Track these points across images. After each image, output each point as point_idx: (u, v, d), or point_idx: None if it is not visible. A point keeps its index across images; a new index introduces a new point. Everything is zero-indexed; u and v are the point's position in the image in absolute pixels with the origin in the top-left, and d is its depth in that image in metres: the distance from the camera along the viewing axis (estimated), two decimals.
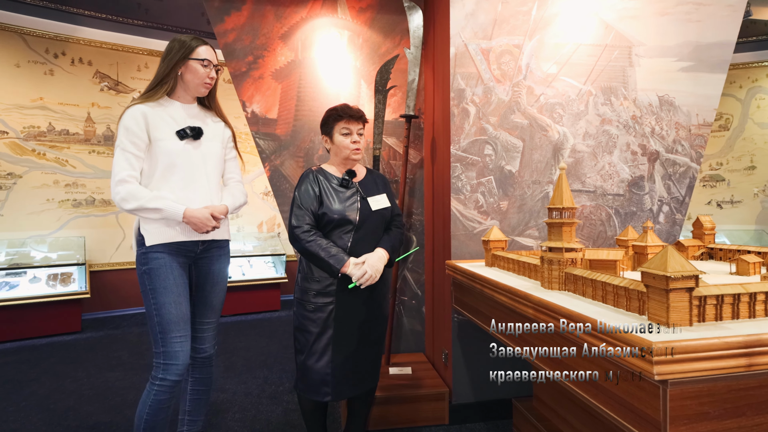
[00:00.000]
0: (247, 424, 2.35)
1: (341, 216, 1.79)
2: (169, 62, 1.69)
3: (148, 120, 1.65)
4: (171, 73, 1.70)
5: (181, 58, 1.69)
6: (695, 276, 0.99)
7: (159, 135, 1.66)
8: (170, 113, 1.71)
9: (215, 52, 1.80)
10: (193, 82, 1.73)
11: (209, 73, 1.74)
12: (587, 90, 2.41)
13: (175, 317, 1.65)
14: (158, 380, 1.63)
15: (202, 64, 1.71)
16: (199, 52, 1.71)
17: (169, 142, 1.68)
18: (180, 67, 1.70)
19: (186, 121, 1.73)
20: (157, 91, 1.70)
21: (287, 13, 2.77)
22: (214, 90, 1.85)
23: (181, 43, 1.71)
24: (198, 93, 1.77)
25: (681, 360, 0.89)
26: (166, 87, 1.70)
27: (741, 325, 1.02)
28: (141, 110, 1.64)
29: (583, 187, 2.43)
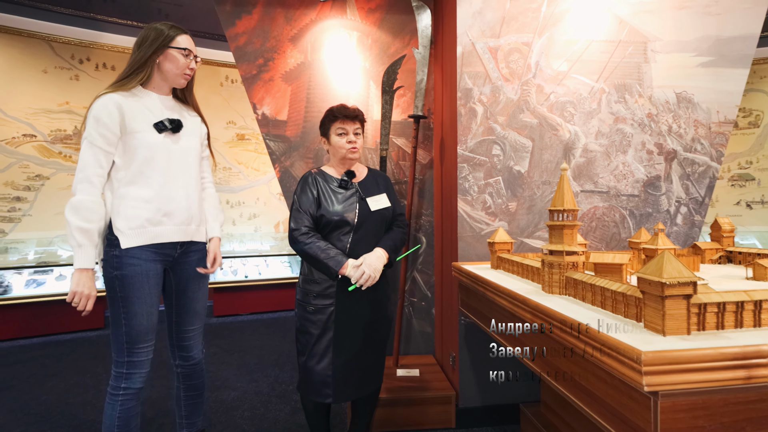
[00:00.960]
0: (255, 423, 2.38)
1: (339, 217, 1.79)
2: (146, 50, 1.60)
3: (122, 110, 1.55)
4: (148, 61, 1.60)
5: (160, 46, 1.60)
6: (693, 282, 0.95)
7: (135, 126, 1.57)
8: (145, 104, 1.62)
9: (193, 42, 1.72)
10: (172, 72, 1.65)
11: (189, 64, 1.67)
12: (600, 88, 2.35)
13: (145, 329, 1.59)
14: (122, 390, 1.57)
15: (183, 53, 1.64)
16: (179, 41, 1.63)
17: (147, 135, 1.59)
18: (158, 56, 1.61)
19: (163, 113, 1.65)
20: (131, 79, 1.60)
21: (297, 15, 2.79)
22: (192, 82, 1.78)
23: (158, 31, 1.62)
24: (176, 84, 1.70)
25: (673, 371, 0.85)
26: (141, 76, 1.61)
27: (744, 334, 0.97)
28: (114, 99, 1.54)
29: (595, 187, 2.36)
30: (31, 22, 4.28)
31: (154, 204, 1.60)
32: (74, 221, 1.48)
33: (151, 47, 1.60)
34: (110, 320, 1.58)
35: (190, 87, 1.79)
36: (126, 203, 1.56)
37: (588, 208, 2.36)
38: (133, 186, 1.58)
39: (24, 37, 4.27)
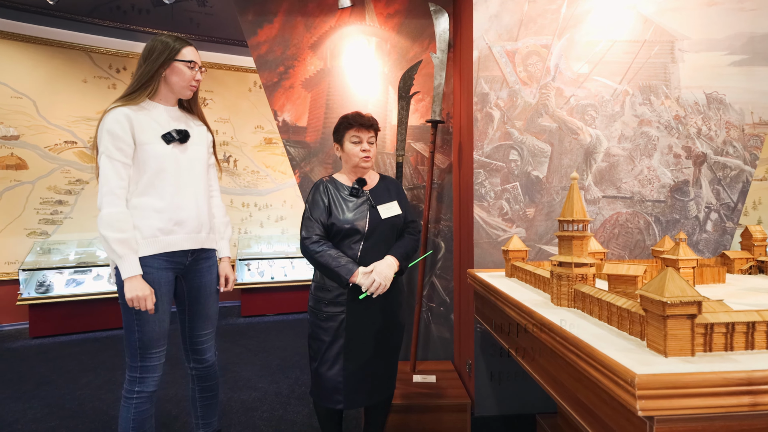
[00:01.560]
0: (273, 424, 2.43)
1: (350, 225, 1.80)
2: (153, 63, 1.64)
3: (132, 123, 1.59)
4: (155, 75, 1.65)
5: (166, 59, 1.64)
6: (697, 302, 0.90)
7: (145, 139, 1.62)
8: (153, 116, 1.67)
9: (198, 53, 1.77)
10: (179, 84, 1.69)
11: (195, 75, 1.72)
12: (623, 90, 2.27)
13: (157, 335, 1.65)
14: (135, 393, 1.64)
15: (188, 65, 1.69)
16: (184, 54, 1.68)
17: (156, 146, 1.63)
18: (164, 69, 1.65)
19: (170, 124, 1.70)
20: (140, 93, 1.64)
21: (317, 23, 2.83)
22: (197, 93, 1.82)
23: (164, 44, 1.66)
24: (183, 95, 1.74)
25: (670, 395, 0.82)
26: (149, 90, 1.65)
27: (754, 357, 0.92)
28: (124, 113, 1.59)
29: (618, 193, 2.28)
30: (72, 35, 4.52)
31: (165, 214, 1.66)
32: (110, 235, 1.54)
33: (158, 61, 1.64)
34: (124, 326, 1.64)
35: (195, 97, 1.83)
36: (138, 213, 1.62)
37: (610, 215, 2.28)
38: (144, 197, 1.64)
39: (66, 49, 4.52)
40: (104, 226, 1.54)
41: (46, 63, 4.44)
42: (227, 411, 2.58)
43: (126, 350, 1.66)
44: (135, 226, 1.62)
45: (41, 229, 4.42)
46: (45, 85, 4.43)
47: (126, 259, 1.55)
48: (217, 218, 1.93)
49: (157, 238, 1.65)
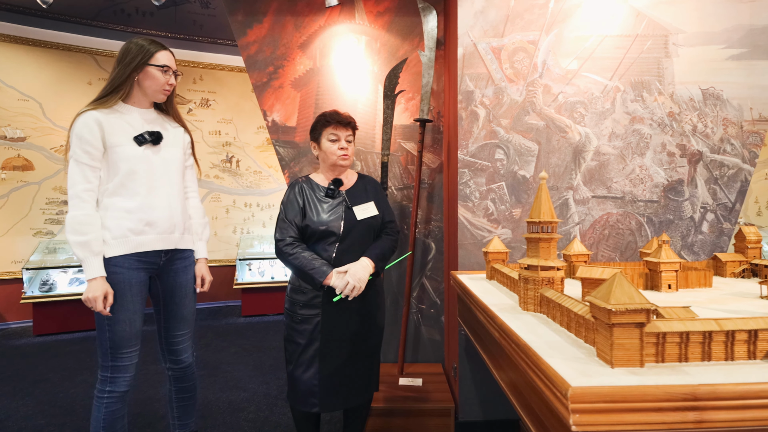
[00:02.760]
0: (257, 426, 2.42)
1: (324, 227, 1.78)
2: (126, 67, 1.63)
3: (102, 127, 1.59)
4: (128, 79, 1.64)
5: (140, 63, 1.64)
6: (646, 310, 0.85)
7: (116, 141, 1.61)
8: (126, 119, 1.67)
9: (174, 56, 1.76)
10: (152, 88, 1.69)
11: (168, 80, 1.71)
12: (614, 86, 2.19)
13: (128, 335, 1.64)
14: (107, 393, 1.63)
15: (162, 70, 1.67)
16: (158, 58, 1.67)
17: (128, 148, 1.63)
18: (138, 73, 1.65)
19: (143, 126, 1.70)
20: (112, 96, 1.64)
21: (306, 22, 2.81)
22: (172, 95, 1.81)
23: (139, 47, 1.65)
24: (156, 99, 1.74)
25: (607, 409, 0.76)
26: (121, 93, 1.65)
27: (709, 369, 0.86)
28: (94, 117, 1.59)
29: (608, 192, 2.20)
30: (77, 38, 4.60)
31: (136, 214, 1.65)
32: (71, 238, 1.55)
33: (131, 65, 1.64)
34: (96, 326, 1.65)
35: (171, 99, 1.83)
36: (109, 214, 1.63)
37: (600, 215, 2.21)
38: (116, 197, 1.64)
39: (71, 52, 4.60)
40: (67, 229, 1.56)
41: (52, 66, 4.52)
42: (214, 411, 2.58)
43: (98, 350, 1.66)
44: (105, 227, 1.62)
45: (47, 229, 4.51)
46: (51, 87, 4.52)
47: (86, 262, 1.55)
48: (195, 219, 1.93)
49: (127, 238, 1.64)
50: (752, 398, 0.77)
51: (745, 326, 0.89)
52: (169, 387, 1.91)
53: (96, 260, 1.57)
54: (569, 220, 2.21)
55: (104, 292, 1.56)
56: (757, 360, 0.89)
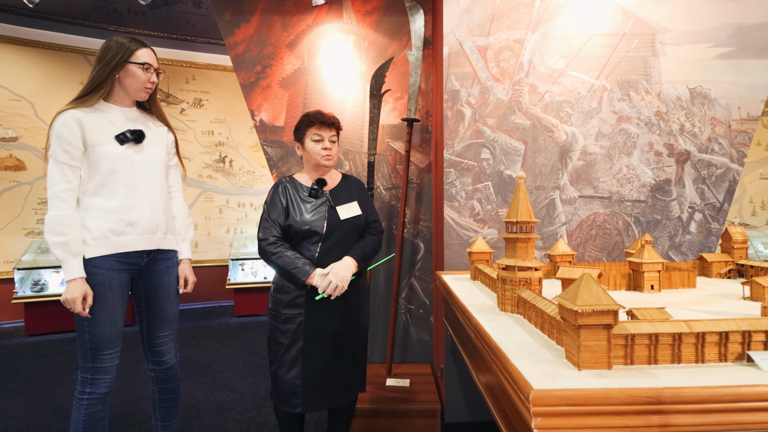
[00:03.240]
0: (243, 426, 2.41)
1: (307, 227, 1.76)
2: (106, 65, 1.61)
3: (83, 125, 1.57)
4: (108, 77, 1.62)
5: (120, 61, 1.61)
6: (613, 312, 0.84)
7: (96, 140, 1.59)
8: (108, 118, 1.64)
9: (155, 54, 1.74)
10: (133, 86, 1.67)
11: (150, 78, 1.69)
12: (601, 85, 2.18)
13: (109, 336, 1.62)
14: (87, 394, 1.61)
15: (143, 67, 1.65)
16: (138, 56, 1.64)
17: (109, 147, 1.61)
18: (118, 71, 1.63)
19: (125, 125, 1.67)
20: (93, 95, 1.62)
21: (294, 21, 2.80)
22: (155, 93, 1.79)
23: (119, 45, 1.63)
24: (138, 97, 1.72)
25: (570, 413, 0.75)
26: (102, 92, 1.63)
27: (679, 372, 0.84)
28: (74, 116, 1.57)
29: (595, 192, 2.19)
30: (69, 38, 4.59)
31: (116, 214, 1.63)
32: (50, 238, 1.53)
33: (111, 63, 1.61)
34: (76, 327, 1.63)
35: (154, 97, 1.80)
36: (90, 214, 1.61)
37: (587, 215, 2.19)
38: (96, 197, 1.62)
39: (64, 52, 4.59)
40: (46, 229, 1.53)
41: (43, 66, 4.51)
42: (201, 412, 2.57)
43: (78, 351, 1.64)
44: (85, 227, 1.60)
45: (39, 229, 4.49)
46: (43, 87, 4.50)
47: (65, 263, 1.53)
48: (178, 219, 1.91)
49: (108, 239, 1.62)
50: (717, 402, 0.75)
51: (715, 328, 0.88)
52: (152, 388, 1.90)
53: (75, 261, 1.55)
54: (556, 220, 2.20)
55: (83, 293, 1.54)
56: (728, 363, 0.88)
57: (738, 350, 0.88)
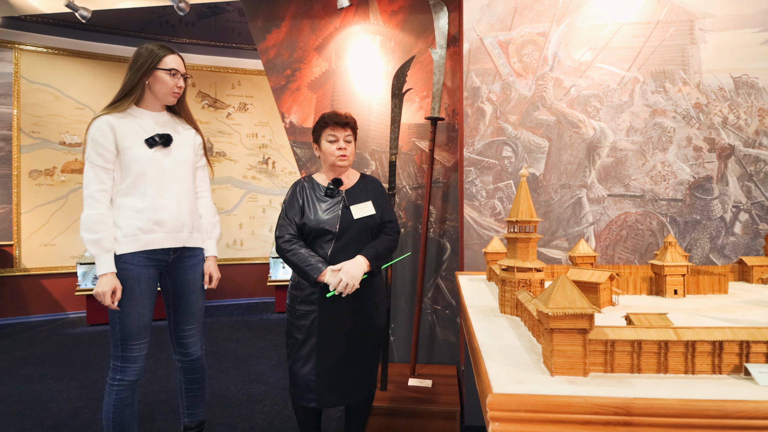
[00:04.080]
0: (269, 418, 2.49)
1: (321, 226, 1.80)
2: (137, 72, 1.72)
3: (115, 130, 1.68)
4: (138, 83, 1.73)
5: (149, 68, 1.71)
6: (588, 315, 0.80)
7: (127, 144, 1.70)
8: (139, 123, 1.74)
9: (183, 60, 1.83)
10: (161, 91, 1.76)
11: (177, 83, 1.78)
12: (632, 77, 2.05)
13: (137, 327, 1.73)
14: (117, 381, 1.73)
15: (170, 73, 1.75)
16: (166, 62, 1.74)
17: (139, 151, 1.71)
18: (147, 78, 1.73)
19: (155, 129, 1.77)
20: (124, 101, 1.73)
21: (322, 24, 2.86)
22: (183, 97, 1.88)
23: (149, 51, 1.73)
24: (166, 102, 1.81)
25: (530, 419, 0.72)
26: (133, 97, 1.73)
27: (663, 382, 0.79)
28: (107, 121, 1.68)
29: (626, 191, 2.07)
30: (127, 49, 4.94)
31: (145, 214, 1.74)
32: (84, 236, 1.67)
33: (141, 69, 1.73)
34: (109, 318, 1.75)
35: (182, 101, 1.90)
36: (121, 213, 1.73)
37: (617, 215, 2.08)
38: (127, 197, 1.74)
39: (122, 63, 4.95)
40: (81, 227, 1.66)
41: (104, 76, 4.89)
42: (232, 402, 2.69)
43: (110, 341, 1.77)
44: (117, 225, 1.72)
45: None
46: (104, 96, 4.88)
47: (97, 258, 1.66)
48: (205, 218, 2.00)
49: (137, 237, 1.74)
50: (696, 416, 0.70)
51: (707, 337, 0.81)
52: (180, 377, 2.01)
53: (107, 257, 1.68)
54: (582, 220, 2.10)
55: (113, 287, 1.66)
56: (723, 375, 0.81)
57: (735, 362, 0.81)
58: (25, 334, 4.18)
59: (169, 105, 1.87)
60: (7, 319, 4.55)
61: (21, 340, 4.00)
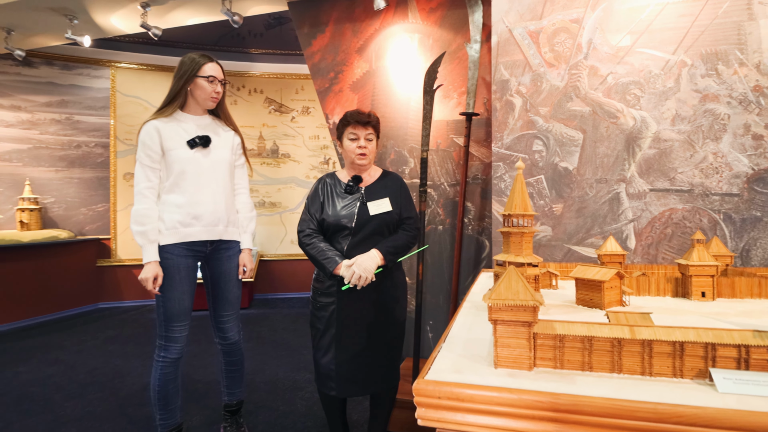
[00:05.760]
0: (309, 404, 2.62)
1: (338, 221, 1.87)
2: (179, 80, 1.90)
3: (161, 134, 1.87)
4: (181, 90, 1.91)
5: (190, 75, 1.89)
6: (531, 308, 0.78)
7: (171, 145, 1.89)
8: (182, 126, 1.93)
9: (221, 68, 1.99)
10: (201, 97, 1.94)
11: (215, 88, 1.94)
12: (678, 60, 1.88)
13: (177, 311, 1.91)
14: (161, 357, 1.92)
15: (208, 80, 1.91)
16: (205, 70, 1.90)
17: (181, 152, 1.89)
18: (189, 85, 1.91)
19: (196, 132, 1.94)
20: (169, 106, 1.92)
21: (362, 27, 2.94)
22: (223, 101, 2.04)
23: (190, 60, 1.90)
24: (206, 106, 1.98)
25: (452, 408, 0.73)
26: (177, 103, 1.92)
27: (611, 382, 0.75)
28: (154, 125, 1.88)
29: (671, 185, 1.90)
30: None
31: (184, 209, 1.93)
32: (133, 228, 1.89)
33: (183, 77, 1.91)
34: (155, 302, 1.97)
35: (222, 105, 2.07)
36: (165, 208, 1.93)
37: (661, 211, 1.91)
38: (170, 194, 1.94)
39: None
40: (131, 220, 1.89)
41: None
42: (278, 387, 2.86)
43: (156, 321, 1.99)
44: (161, 219, 1.93)
45: None
46: None
47: (144, 248, 1.87)
48: (242, 213, 2.17)
49: (177, 230, 1.94)
50: (628, 418, 0.66)
51: (666, 337, 0.75)
52: (220, 359, 2.20)
53: (152, 247, 1.89)
54: (621, 216, 1.96)
55: (155, 274, 1.87)
56: (685, 379, 0.75)
57: (700, 366, 0.74)
58: (118, 316, 4.77)
59: (210, 109, 2.04)
60: (106, 303, 5.22)
61: (114, 321, 4.57)
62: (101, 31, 3.77)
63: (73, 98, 5.04)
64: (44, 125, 4.91)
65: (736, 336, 0.72)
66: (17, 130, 4.78)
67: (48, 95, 4.92)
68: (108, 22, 3.56)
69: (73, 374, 3.14)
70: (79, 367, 3.29)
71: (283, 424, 2.43)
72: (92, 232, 5.12)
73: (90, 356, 3.52)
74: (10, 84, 4.74)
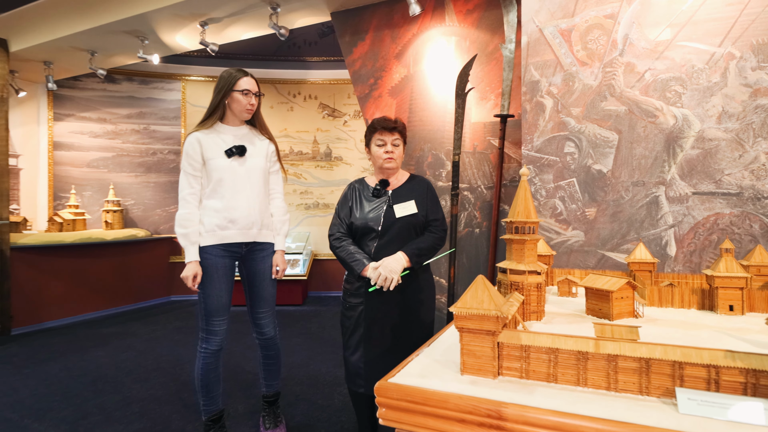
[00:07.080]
0: (346, 400, 2.72)
1: (365, 224, 1.94)
2: (218, 93, 2.05)
3: (201, 144, 2.03)
4: (220, 103, 2.06)
5: (227, 90, 2.03)
6: (494, 317, 0.79)
7: (211, 155, 2.04)
8: (221, 137, 2.08)
9: (256, 81, 2.13)
10: (237, 109, 2.07)
11: (250, 101, 2.08)
12: (725, 53, 1.74)
13: (216, 306, 2.06)
14: (203, 349, 2.08)
15: (243, 93, 2.05)
16: (240, 84, 2.04)
17: (219, 161, 2.04)
18: (227, 98, 2.06)
19: (233, 142, 2.08)
20: (210, 119, 2.08)
21: (401, 33, 2.99)
22: (258, 112, 2.18)
23: (228, 74, 2.05)
24: (242, 117, 2.12)
25: (410, 410, 0.77)
26: (216, 115, 2.07)
27: (571, 395, 0.74)
28: (196, 137, 2.04)
29: (717, 188, 1.76)
30: (262, 72, 5.73)
31: (222, 213, 2.10)
32: (177, 230, 2.08)
33: (221, 91, 2.07)
34: (198, 298, 2.15)
35: (257, 115, 2.21)
36: (205, 212, 2.11)
37: (705, 216, 1.78)
38: (210, 199, 2.11)
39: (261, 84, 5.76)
40: (176, 223, 2.08)
41: None
42: (320, 382, 2.99)
43: (198, 316, 2.18)
44: (201, 222, 2.10)
45: None
46: None
47: (186, 249, 2.05)
48: (276, 217, 2.30)
49: (215, 232, 2.11)
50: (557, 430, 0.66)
51: (631, 353, 0.73)
52: (259, 353, 2.35)
53: (193, 248, 2.07)
54: (660, 222, 1.84)
55: (194, 273, 2.05)
56: (651, 397, 0.72)
57: (667, 384, 0.72)
58: (186, 309, 5.19)
59: (246, 119, 2.20)
60: (178, 297, 5.69)
61: (183, 314, 4.99)
62: (168, 49, 4.14)
63: (150, 110, 5.56)
64: (126, 135, 5.46)
65: (705, 355, 0.69)
66: (103, 140, 5.36)
67: (129, 108, 5.47)
68: (173, 40, 3.91)
69: (143, 360, 3.49)
70: (148, 353, 3.65)
71: (320, 417, 2.54)
72: (166, 231, 5.61)
73: (158, 344, 3.88)
74: (98, 99, 5.33)
